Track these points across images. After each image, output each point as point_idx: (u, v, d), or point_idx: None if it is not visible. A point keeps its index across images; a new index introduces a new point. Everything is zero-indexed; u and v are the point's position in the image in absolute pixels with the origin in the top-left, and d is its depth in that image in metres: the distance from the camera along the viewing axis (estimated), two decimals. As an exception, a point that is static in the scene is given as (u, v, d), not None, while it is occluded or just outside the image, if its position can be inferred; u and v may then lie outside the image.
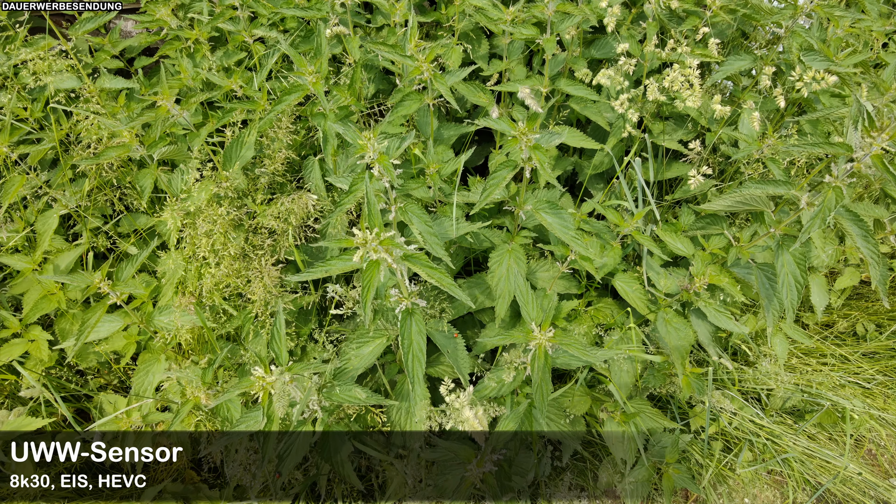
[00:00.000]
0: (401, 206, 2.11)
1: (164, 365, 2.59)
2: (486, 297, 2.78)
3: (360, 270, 1.78)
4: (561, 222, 2.37)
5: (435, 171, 2.40)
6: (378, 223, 1.71)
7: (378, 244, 1.63)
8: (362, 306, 1.64)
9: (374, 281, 1.65)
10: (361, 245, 1.59)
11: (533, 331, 2.10)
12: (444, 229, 2.41)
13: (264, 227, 2.44)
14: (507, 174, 2.22)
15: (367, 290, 1.64)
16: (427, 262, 1.76)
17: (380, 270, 1.66)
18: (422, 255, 1.76)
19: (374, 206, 1.72)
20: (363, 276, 1.66)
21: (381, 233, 1.69)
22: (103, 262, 3.16)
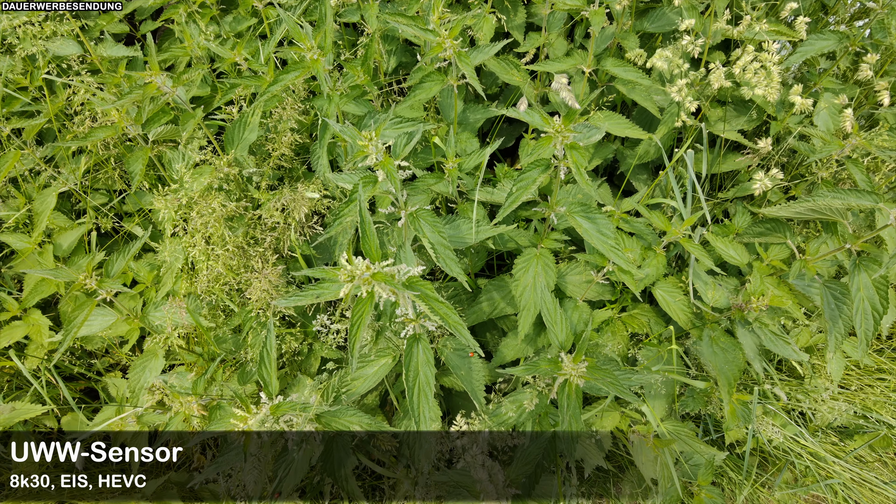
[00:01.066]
0: (412, 213, 1.78)
1: (161, 362, 2.38)
2: (508, 304, 2.45)
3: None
4: (598, 230, 2.00)
5: (455, 165, 2.04)
6: (373, 248, 1.39)
7: (371, 277, 1.31)
8: (349, 348, 1.35)
9: (365, 319, 1.35)
10: (347, 280, 1.27)
11: (561, 361, 1.77)
12: (462, 233, 2.07)
13: (267, 219, 2.15)
14: (538, 175, 1.85)
15: (354, 331, 1.34)
16: (432, 294, 1.44)
17: (371, 307, 1.35)
18: (426, 284, 1.44)
19: (368, 226, 1.39)
20: (352, 313, 1.36)
21: (376, 260, 1.37)
22: (108, 240, 2.95)
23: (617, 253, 1.98)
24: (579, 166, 1.71)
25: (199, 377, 1.96)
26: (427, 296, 1.45)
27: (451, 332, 2.07)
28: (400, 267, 1.40)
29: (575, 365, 1.73)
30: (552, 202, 2.09)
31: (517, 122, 3.14)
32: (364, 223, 1.42)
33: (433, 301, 1.45)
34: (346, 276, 1.27)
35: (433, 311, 1.43)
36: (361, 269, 1.32)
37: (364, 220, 1.42)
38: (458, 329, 1.43)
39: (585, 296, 2.49)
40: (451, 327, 1.43)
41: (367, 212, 1.43)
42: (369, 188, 1.66)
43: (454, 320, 1.44)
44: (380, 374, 1.92)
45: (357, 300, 1.36)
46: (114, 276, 2.10)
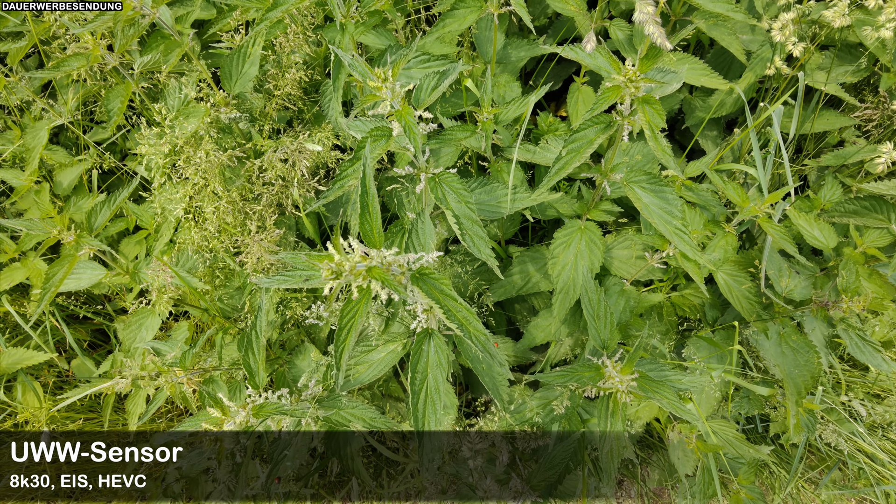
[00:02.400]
0: (434, 177, 1.38)
1: (159, 320, 2.13)
2: (543, 278, 2.07)
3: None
4: (663, 207, 1.58)
5: (490, 117, 1.61)
6: (374, 231, 1.01)
7: (367, 272, 0.95)
8: (335, 357, 1.01)
9: (356, 323, 1.00)
10: (331, 277, 0.91)
11: (605, 367, 1.41)
12: (496, 199, 1.67)
13: (268, 171, 1.79)
14: (595, 136, 1.41)
15: (342, 339, 0.99)
16: (448, 292, 1.07)
17: (367, 308, 1.00)
18: (441, 280, 1.07)
19: (371, 200, 1.01)
20: (341, 315, 1.01)
21: (377, 246, 1.00)
22: (112, 178, 2.66)
23: (684, 237, 1.55)
24: (654, 128, 1.27)
25: (188, 348, 1.68)
26: (443, 293, 1.09)
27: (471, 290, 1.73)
28: (409, 257, 1.03)
29: (623, 376, 1.37)
30: (606, 167, 1.65)
31: (565, 60, 2.62)
32: (366, 195, 1.04)
33: (449, 301, 1.09)
34: (329, 272, 0.91)
35: (449, 315, 1.07)
36: (354, 260, 0.96)
37: (366, 190, 1.04)
38: (482, 341, 1.07)
39: (632, 275, 2.08)
40: (473, 338, 1.07)
41: (371, 180, 1.05)
42: (380, 144, 1.26)
43: (476, 328, 1.08)
44: (387, 361, 1.60)
45: (348, 300, 1.01)
46: (97, 229, 1.81)
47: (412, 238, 1.36)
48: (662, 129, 1.26)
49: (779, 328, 1.94)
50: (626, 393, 1.34)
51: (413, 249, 1.34)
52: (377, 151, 1.22)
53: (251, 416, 1.25)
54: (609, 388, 1.38)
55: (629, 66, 1.25)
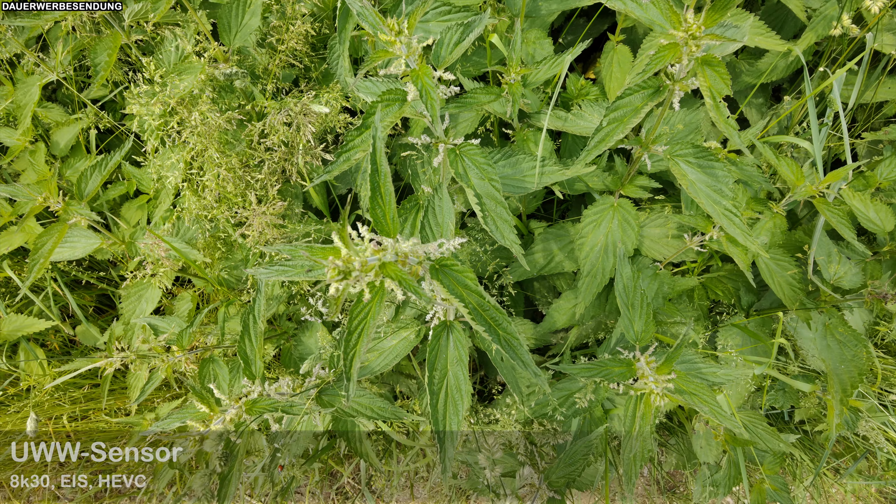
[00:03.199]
0: (453, 149, 1.20)
1: (158, 292, 1.99)
2: (566, 258, 1.90)
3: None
4: (712, 184, 1.38)
5: (518, 78, 1.40)
6: (388, 217, 0.84)
7: (380, 268, 0.79)
8: (345, 367, 0.86)
9: (368, 327, 0.84)
10: (337, 278, 0.75)
11: (638, 362, 1.25)
12: (522, 172, 1.48)
13: (271, 137, 1.61)
14: (642, 103, 1.21)
15: (351, 346, 0.84)
16: (473, 287, 0.90)
17: (379, 309, 0.84)
18: (465, 273, 0.90)
19: (383, 180, 0.84)
20: (349, 318, 0.85)
21: (392, 235, 0.83)
22: (110, 137, 2.49)
23: (735, 220, 1.36)
24: (716, 95, 1.06)
25: (186, 326, 1.55)
26: (467, 288, 0.92)
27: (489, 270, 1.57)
28: (429, 247, 0.86)
29: (659, 377, 1.21)
30: (648, 138, 1.45)
31: (596, 17, 2.35)
32: (377, 174, 0.86)
33: (474, 296, 0.92)
34: (336, 271, 0.75)
35: (475, 314, 0.90)
36: (365, 255, 0.79)
37: (377, 168, 0.86)
38: (513, 346, 0.91)
39: (665, 256, 1.90)
40: (503, 341, 0.91)
41: (382, 156, 0.86)
42: (393, 110, 1.08)
43: (507, 332, 0.91)
44: (400, 349, 1.46)
45: (358, 300, 0.85)
46: (89, 194, 1.65)
47: (428, 217, 1.18)
48: (726, 96, 1.06)
49: (824, 319, 1.76)
50: (661, 396, 1.18)
51: (429, 229, 1.17)
52: (389, 119, 1.03)
53: (244, 412, 1.12)
54: (641, 388, 1.22)
55: (691, 20, 1.04)
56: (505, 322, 0.94)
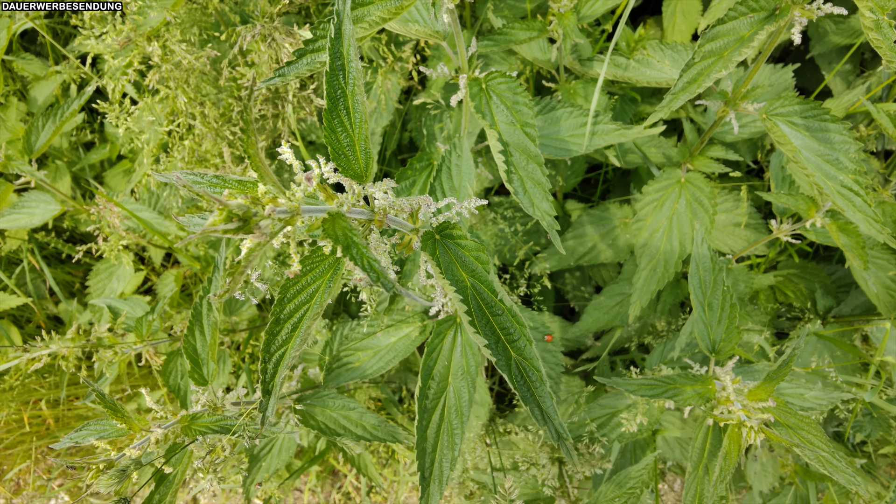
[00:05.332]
0: (475, 80, 0.85)
1: (130, 270, 1.70)
2: (609, 247, 1.54)
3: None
4: (825, 153, 1.01)
5: (571, 5, 1.04)
6: (357, 145, 0.51)
7: (323, 223, 0.45)
8: (261, 386, 0.53)
9: (303, 325, 0.51)
10: (226, 218, 0.41)
11: (724, 387, 0.90)
12: (566, 132, 1.12)
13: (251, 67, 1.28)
14: (751, 31, 0.85)
15: (276, 350, 0.51)
16: (480, 272, 0.57)
17: (324, 298, 0.51)
18: (472, 249, 0.56)
19: (349, 82, 0.50)
20: (276, 303, 0.52)
21: (363, 176, 0.50)
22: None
23: (854, 200, 0.99)
24: (881, 10, 0.69)
25: (143, 317, 1.24)
26: (472, 274, 0.59)
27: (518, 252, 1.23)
28: (420, 200, 0.53)
29: (752, 403, 0.86)
30: (738, 90, 1.08)
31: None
32: (339, 73, 0.52)
33: (477, 286, 0.59)
34: (223, 214, 0.41)
35: (477, 320, 0.57)
36: (297, 196, 0.46)
37: (343, 63, 0.52)
38: (532, 385, 0.57)
39: (731, 248, 1.52)
40: (516, 372, 0.57)
41: (351, 43, 0.52)
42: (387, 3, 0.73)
43: (524, 354, 0.57)
44: (399, 349, 1.12)
45: (292, 279, 0.52)
46: (38, 151, 1.35)
47: (441, 179, 0.84)
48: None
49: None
50: (756, 430, 0.83)
51: (440, 194, 0.83)
52: (381, 13, 0.69)
53: (179, 431, 0.80)
54: (725, 417, 0.87)
55: None
56: (522, 338, 0.59)
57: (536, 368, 0.56)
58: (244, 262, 0.43)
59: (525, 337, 0.57)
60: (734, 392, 0.89)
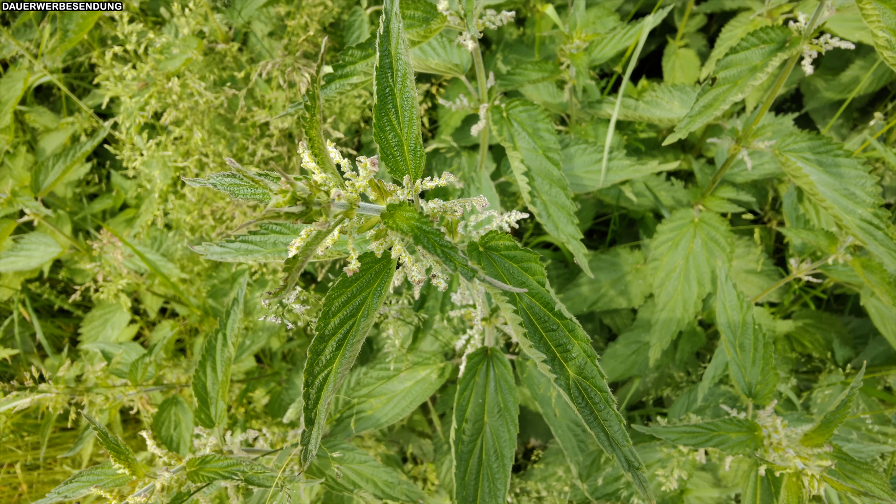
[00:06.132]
0: (496, 108, 0.86)
1: (127, 316, 1.64)
2: (620, 294, 1.51)
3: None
4: (840, 187, 1.01)
5: (583, 46, 1.08)
6: (407, 148, 0.49)
7: (385, 214, 0.42)
8: (304, 410, 0.48)
9: (353, 333, 0.47)
10: (290, 201, 0.38)
11: (771, 433, 0.84)
12: (581, 168, 1.13)
13: (266, 106, 1.29)
14: (763, 61, 0.87)
15: (324, 367, 0.47)
16: (534, 284, 0.53)
17: (381, 293, 0.47)
18: (524, 259, 0.53)
19: (401, 81, 0.49)
20: (323, 310, 0.48)
21: (412, 173, 0.48)
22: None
23: (876, 234, 0.98)
24: (893, 30, 0.71)
25: (139, 360, 1.18)
26: (530, 288, 0.55)
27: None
28: (470, 201, 0.50)
29: (809, 449, 0.79)
30: (748, 127, 1.10)
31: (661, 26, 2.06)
32: (389, 71, 0.51)
33: (530, 299, 0.55)
34: (287, 196, 0.38)
35: (530, 334, 0.53)
36: (359, 183, 0.44)
37: (391, 62, 0.51)
38: (595, 406, 0.52)
39: (751, 293, 1.49)
40: (576, 392, 0.53)
41: (400, 40, 0.52)
42: (418, 28, 0.75)
43: (585, 373, 0.53)
44: (416, 394, 1.06)
45: (342, 278, 0.48)
46: (45, 190, 1.34)
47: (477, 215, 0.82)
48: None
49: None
50: (819, 479, 0.76)
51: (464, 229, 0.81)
52: (413, 35, 0.70)
53: (184, 478, 0.72)
54: (781, 466, 0.80)
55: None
56: (581, 354, 0.55)
57: (600, 388, 0.52)
58: (302, 255, 0.40)
59: (585, 353, 0.53)
60: (785, 438, 0.83)
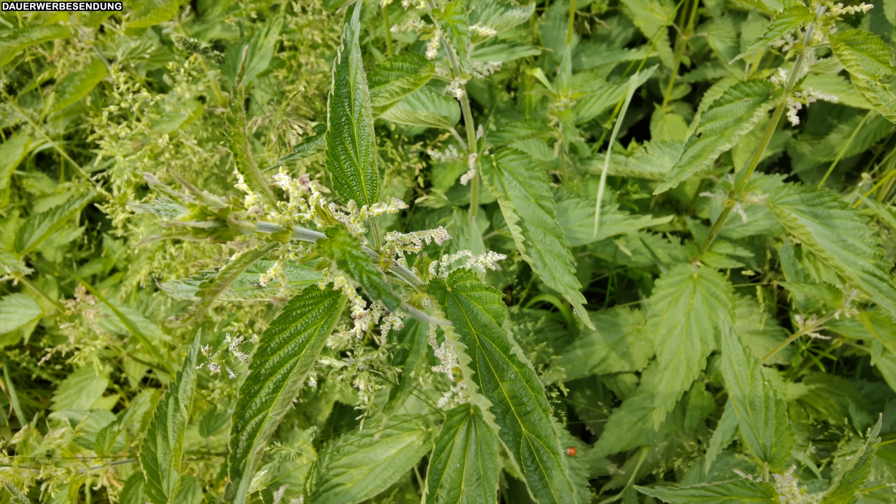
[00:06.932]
0: (486, 157, 0.85)
1: (103, 384, 1.56)
2: (622, 357, 1.45)
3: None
4: (837, 239, 0.99)
5: (571, 104, 1.10)
6: (364, 176, 0.47)
7: (320, 241, 0.40)
8: (231, 456, 0.42)
9: (295, 370, 0.43)
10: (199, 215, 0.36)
11: (789, 498, 0.76)
12: (574, 222, 1.11)
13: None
14: (747, 113, 0.88)
15: (257, 411, 0.42)
16: (493, 326, 0.50)
17: (321, 332, 0.43)
18: (485, 300, 0.50)
19: (356, 116, 0.48)
20: (258, 347, 0.44)
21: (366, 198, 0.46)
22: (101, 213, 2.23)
23: (880, 286, 0.94)
24: (872, 76, 0.72)
25: (108, 428, 1.10)
26: (483, 330, 0.51)
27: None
28: (429, 233, 0.48)
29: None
30: (741, 182, 1.10)
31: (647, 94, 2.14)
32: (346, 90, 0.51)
33: (487, 342, 0.51)
34: (194, 212, 0.35)
35: (484, 384, 0.48)
36: (294, 212, 0.41)
37: (349, 80, 0.51)
38: (544, 468, 0.47)
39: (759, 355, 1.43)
40: (526, 453, 0.47)
41: (355, 49, 0.51)
42: (407, 77, 0.76)
43: (538, 431, 0.49)
44: (400, 464, 0.97)
45: (279, 317, 0.45)
46: (28, 248, 1.32)
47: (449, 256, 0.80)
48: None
49: None
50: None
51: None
52: (401, 84, 0.70)
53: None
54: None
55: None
56: (536, 409, 0.49)
57: (552, 449, 0.46)
58: (220, 279, 0.37)
59: (540, 407, 0.48)
60: (801, 499, 0.75)
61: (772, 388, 0.89)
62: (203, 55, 1.07)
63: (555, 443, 0.49)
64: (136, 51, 1.45)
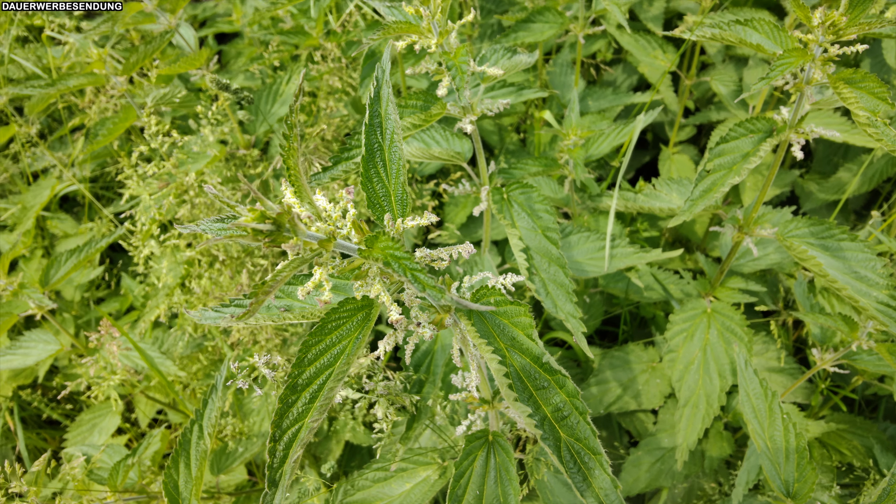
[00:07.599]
0: (498, 188, 0.89)
1: (116, 420, 1.57)
2: (633, 398, 1.43)
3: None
4: (851, 271, 1.00)
5: (580, 142, 1.15)
6: (394, 196, 0.51)
7: (363, 248, 0.42)
8: (270, 463, 0.43)
9: (332, 380, 0.44)
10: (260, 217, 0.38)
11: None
12: (584, 255, 1.13)
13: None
14: (753, 148, 0.91)
15: (295, 421, 0.43)
16: (524, 340, 0.51)
17: (359, 339, 0.45)
18: (513, 316, 0.52)
19: (388, 142, 0.52)
20: (297, 359, 0.46)
21: (395, 213, 0.49)
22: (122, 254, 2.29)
23: (894, 315, 0.94)
24: (873, 112, 0.76)
25: (120, 462, 1.10)
26: (513, 344, 0.53)
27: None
28: (457, 248, 0.50)
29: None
30: (750, 216, 1.12)
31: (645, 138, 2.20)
32: (379, 122, 0.54)
33: (518, 357, 0.52)
34: (255, 215, 0.38)
35: (520, 394, 0.49)
36: (328, 215, 0.44)
37: (381, 112, 0.55)
38: (589, 473, 0.48)
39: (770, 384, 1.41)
40: (567, 457, 0.48)
41: (387, 93, 0.56)
42: (419, 114, 0.80)
43: (579, 436, 0.49)
44: (415, 498, 0.96)
45: (320, 325, 0.47)
46: (53, 284, 1.36)
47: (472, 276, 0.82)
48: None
49: None
50: None
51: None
52: (413, 119, 0.75)
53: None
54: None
55: (822, 16, 0.78)
56: (573, 413, 0.50)
57: (592, 450, 0.47)
58: (272, 281, 0.39)
59: (577, 410, 0.49)
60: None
61: (791, 421, 0.88)
62: (234, 95, 1.14)
63: (595, 444, 0.49)
64: (166, 97, 1.53)
